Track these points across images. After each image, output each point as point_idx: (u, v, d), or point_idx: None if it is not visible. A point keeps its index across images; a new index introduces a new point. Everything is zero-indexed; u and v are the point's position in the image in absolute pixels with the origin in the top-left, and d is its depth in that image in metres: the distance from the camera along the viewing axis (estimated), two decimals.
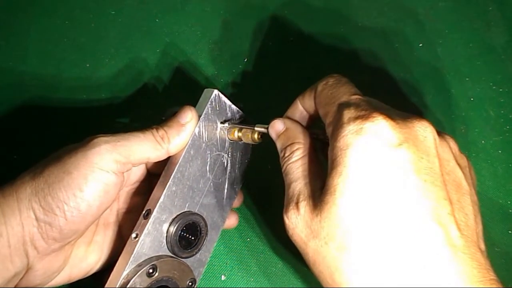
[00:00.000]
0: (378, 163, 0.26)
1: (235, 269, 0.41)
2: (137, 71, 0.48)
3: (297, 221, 0.29)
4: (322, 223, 0.27)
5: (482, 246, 0.28)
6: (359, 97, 0.30)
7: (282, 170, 0.32)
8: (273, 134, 0.34)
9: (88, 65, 0.49)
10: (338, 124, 0.28)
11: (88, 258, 0.35)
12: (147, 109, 0.47)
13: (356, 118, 0.28)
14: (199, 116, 0.34)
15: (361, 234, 0.26)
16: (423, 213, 0.26)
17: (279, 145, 0.34)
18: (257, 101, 0.47)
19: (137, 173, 0.37)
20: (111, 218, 0.37)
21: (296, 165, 0.31)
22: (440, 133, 0.30)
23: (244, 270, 0.41)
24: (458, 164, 0.29)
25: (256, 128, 0.35)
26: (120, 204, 0.38)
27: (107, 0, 0.51)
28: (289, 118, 0.35)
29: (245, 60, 0.49)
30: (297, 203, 0.29)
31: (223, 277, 0.40)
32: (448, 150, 0.29)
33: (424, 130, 0.28)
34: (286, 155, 0.32)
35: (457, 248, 0.25)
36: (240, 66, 0.48)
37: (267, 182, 0.43)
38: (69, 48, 0.49)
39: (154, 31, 0.50)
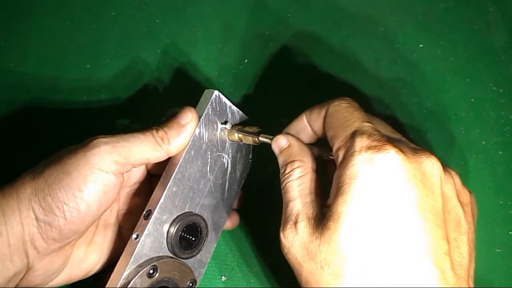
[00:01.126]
0: (385, 197, 0.27)
1: (236, 270, 0.41)
2: (137, 72, 0.48)
3: (294, 240, 0.29)
4: (320, 247, 0.27)
5: (471, 284, 0.29)
6: (371, 125, 0.30)
7: (281, 186, 0.32)
8: (275, 149, 0.34)
9: (88, 66, 0.49)
10: (349, 151, 0.28)
11: (88, 259, 0.35)
12: (147, 109, 0.47)
13: (368, 148, 0.28)
14: (200, 117, 0.34)
15: (358, 264, 0.26)
16: (421, 251, 0.26)
17: (280, 161, 0.34)
18: (257, 102, 0.47)
19: (138, 174, 0.37)
20: (111, 219, 0.37)
21: (296, 183, 0.31)
22: (446, 168, 0.30)
23: (245, 271, 0.41)
24: (460, 202, 0.30)
25: (260, 139, 0.35)
26: (120, 205, 0.38)
27: (108, 1, 0.51)
28: (292, 135, 0.35)
29: (246, 61, 0.49)
30: (295, 223, 0.30)
31: (223, 278, 0.40)
32: (452, 187, 0.30)
33: (431, 166, 0.28)
34: (287, 172, 0.32)
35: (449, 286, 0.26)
36: (241, 67, 0.48)
37: (268, 183, 0.43)
38: (69, 49, 0.49)
39: (154, 32, 0.50)
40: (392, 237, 0.26)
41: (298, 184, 0.31)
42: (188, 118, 0.33)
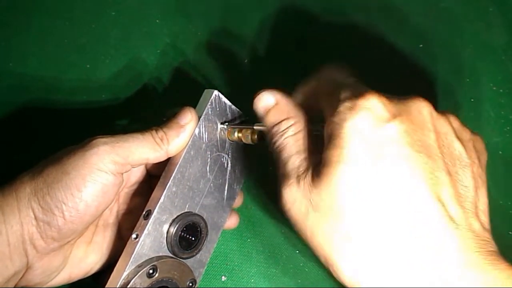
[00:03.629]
0: (372, 136, 0.27)
1: (236, 270, 0.41)
2: (137, 71, 0.48)
3: (297, 194, 0.29)
4: (321, 195, 0.27)
5: (483, 219, 0.28)
6: (354, 78, 0.31)
7: (275, 145, 0.31)
8: (260, 108, 0.32)
9: (88, 66, 0.49)
10: (334, 102, 0.29)
11: (87, 258, 0.35)
12: (147, 109, 0.47)
13: (351, 96, 0.28)
14: (199, 117, 0.34)
15: (357, 204, 0.26)
16: (419, 185, 0.26)
17: (269, 120, 0.32)
18: None
19: (137, 174, 0.37)
20: (111, 219, 0.37)
21: (293, 139, 0.31)
22: (441, 111, 0.30)
23: (245, 271, 0.41)
24: (459, 138, 0.29)
25: (255, 127, 0.35)
26: (120, 205, 0.38)
27: (108, 1, 0.51)
28: (279, 91, 0.33)
29: (245, 60, 0.49)
30: (297, 177, 0.29)
31: (223, 278, 0.40)
32: (447, 124, 0.29)
33: (418, 105, 0.28)
34: (281, 129, 0.31)
35: (454, 220, 0.26)
36: (240, 67, 0.48)
37: (267, 182, 0.43)
38: (69, 49, 0.49)
39: (154, 32, 0.50)
40: (386, 174, 0.26)
41: (295, 140, 0.31)
42: (188, 119, 0.33)
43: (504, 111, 0.46)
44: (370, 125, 0.27)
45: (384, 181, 0.26)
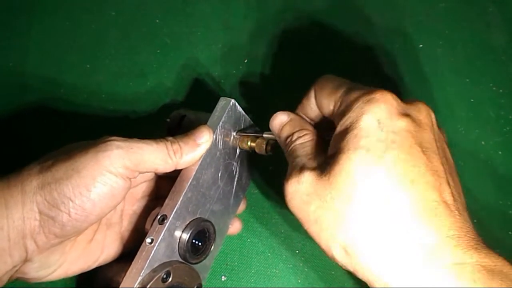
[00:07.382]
0: (387, 126, 0.29)
1: (235, 270, 0.41)
2: (137, 72, 0.48)
3: (299, 185, 0.30)
4: (330, 180, 0.29)
5: (468, 217, 0.30)
6: (352, 82, 0.32)
7: (287, 151, 0.33)
8: (276, 125, 0.35)
9: (88, 66, 0.49)
10: (349, 101, 0.30)
11: (86, 256, 0.35)
12: (147, 109, 0.47)
13: (365, 93, 0.30)
14: (216, 125, 0.34)
15: (368, 187, 0.28)
16: (426, 177, 0.28)
17: (284, 134, 0.34)
18: (257, 102, 0.47)
19: (144, 175, 0.37)
20: (114, 218, 0.37)
21: (302, 146, 0.33)
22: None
23: (244, 271, 0.41)
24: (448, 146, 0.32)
25: (265, 135, 0.36)
26: (125, 205, 0.37)
27: (108, 1, 0.51)
28: (290, 111, 0.35)
29: (245, 60, 0.49)
30: (300, 170, 0.30)
31: (223, 278, 0.40)
32: (443, 135, 0.32)
33: (425, 109, 0.31)
34: (294, 138, 0.33)
35: (452, 210, 0.28)
36: (240, 67, 0.48)
37: (268, 183, 0.43)
38: (69, 48, 0.49)
39: (154, 32, 0.50)
40: (398, 162, 0.28)
41: (304, 147, 0.32)
42: (204, 139, 0.33)
43: (504, 111, 0.46)
44: (386, 116, 0.29)
45: (395, 171, 0.28)
